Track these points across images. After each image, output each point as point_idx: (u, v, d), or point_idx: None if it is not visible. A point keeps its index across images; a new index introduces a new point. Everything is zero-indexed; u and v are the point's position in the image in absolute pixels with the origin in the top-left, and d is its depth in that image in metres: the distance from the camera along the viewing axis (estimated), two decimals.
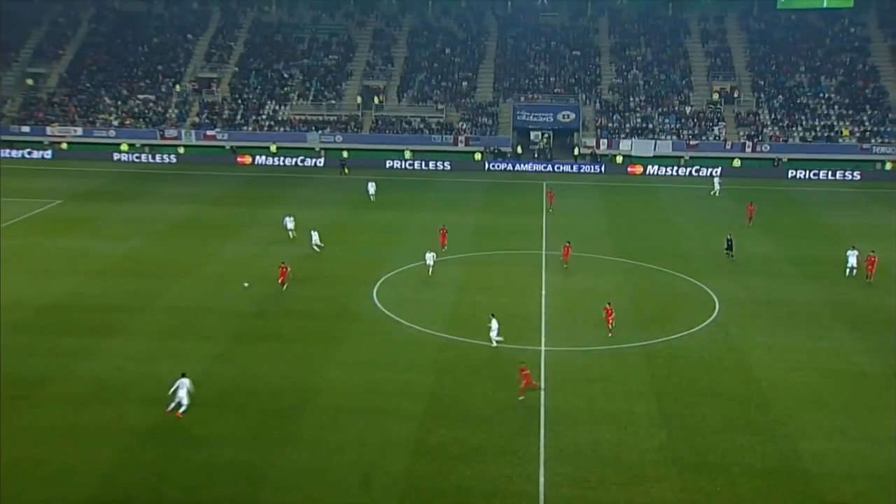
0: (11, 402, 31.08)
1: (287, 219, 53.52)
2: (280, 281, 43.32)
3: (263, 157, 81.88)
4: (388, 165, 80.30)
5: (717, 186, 69.78)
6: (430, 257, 46.38)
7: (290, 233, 52.70)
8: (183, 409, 29.94)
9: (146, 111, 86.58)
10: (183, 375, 30.40)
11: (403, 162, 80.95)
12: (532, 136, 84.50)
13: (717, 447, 28.62)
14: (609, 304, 38.62)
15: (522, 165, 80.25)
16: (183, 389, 29.92)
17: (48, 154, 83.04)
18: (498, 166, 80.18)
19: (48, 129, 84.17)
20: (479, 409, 31.07)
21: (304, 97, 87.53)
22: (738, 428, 29.95)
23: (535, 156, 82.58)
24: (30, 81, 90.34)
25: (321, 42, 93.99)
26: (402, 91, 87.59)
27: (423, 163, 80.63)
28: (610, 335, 37.48)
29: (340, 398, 31.81)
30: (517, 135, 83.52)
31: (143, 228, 56.36)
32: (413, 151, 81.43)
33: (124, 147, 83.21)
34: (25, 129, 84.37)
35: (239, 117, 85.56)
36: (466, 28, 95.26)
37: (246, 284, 43.53)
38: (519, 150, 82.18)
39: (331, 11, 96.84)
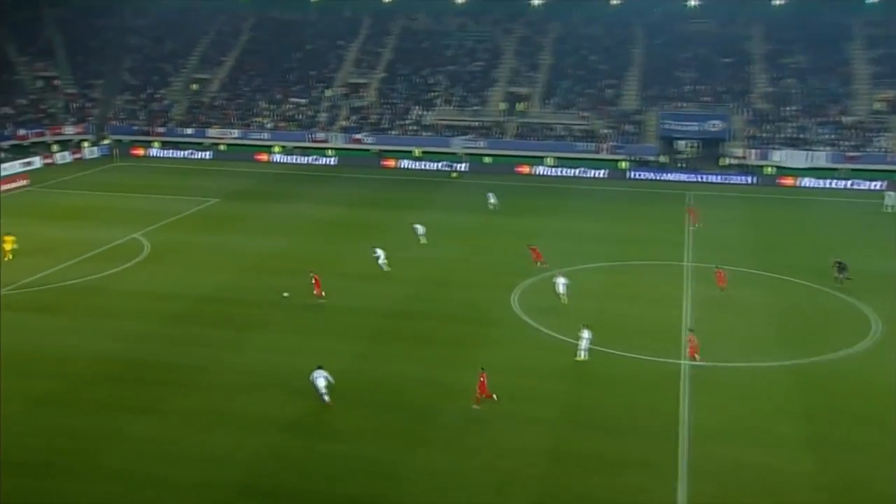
0: (172, 388, 32.81)
1: (417, 225, 54.18)
2: (316, 292, 42.27)
3: (407, 161, 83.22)
4: (529, 172, 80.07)
5: (892, 201, 65.70)
6: (562, 285, 42.32)
7: (421, 238, 53.37)
8: (326, 395, 30.70)
9: (298, 115, 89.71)
10: (319, 367, 31.25)
11: (546, 168, 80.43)
12: (679, 145, 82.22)
13: (869, 477, 26.90)
14: (692, 330, 36.70)
15: (667, 175, 78.11)
16: (319, 379, 30.76)
17: (208, 155, 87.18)
18: (641, 175, 78.37)
19: (208, 132, 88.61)
20: (616, 419, 30.44)
21: (449, 102, 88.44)
22: (892, 456, 28.03)
23: (681, 165, 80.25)
24: (195, 86, 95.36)
25: (467, 48, 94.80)
26: (547, 98, 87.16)
27: (566, 170, 79.74)
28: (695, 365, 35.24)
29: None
30: (662, 143, 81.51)
31: (290, 227, 58.38)
32: (556, 158, 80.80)
33: (277, 149, 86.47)
34: (189, 130, 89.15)
35: (385, 122, 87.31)
36: (612, 35, 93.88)
37: (286, 294, 42.78)
38: (664, 159, 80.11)
39: (477, 19, 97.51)
